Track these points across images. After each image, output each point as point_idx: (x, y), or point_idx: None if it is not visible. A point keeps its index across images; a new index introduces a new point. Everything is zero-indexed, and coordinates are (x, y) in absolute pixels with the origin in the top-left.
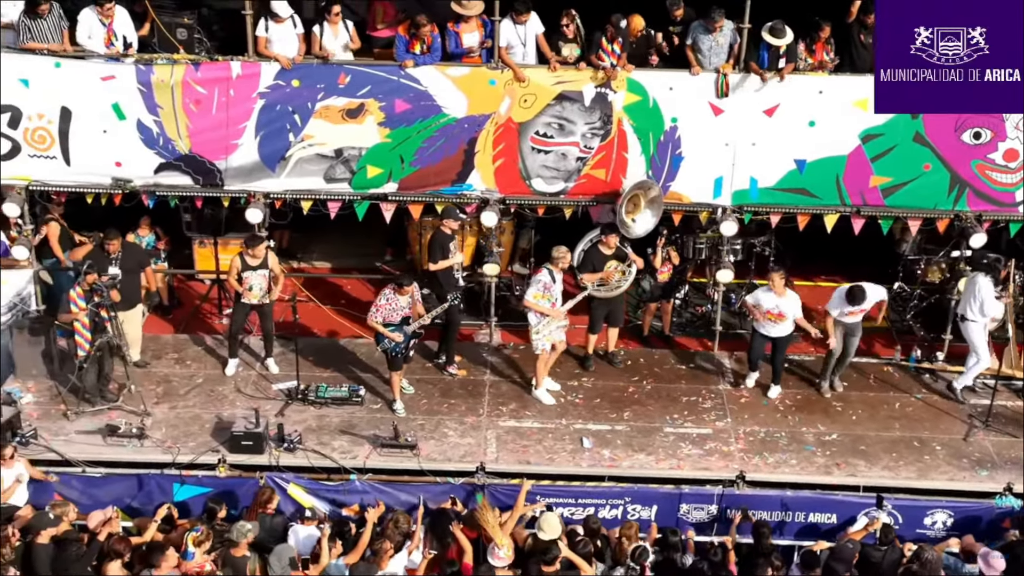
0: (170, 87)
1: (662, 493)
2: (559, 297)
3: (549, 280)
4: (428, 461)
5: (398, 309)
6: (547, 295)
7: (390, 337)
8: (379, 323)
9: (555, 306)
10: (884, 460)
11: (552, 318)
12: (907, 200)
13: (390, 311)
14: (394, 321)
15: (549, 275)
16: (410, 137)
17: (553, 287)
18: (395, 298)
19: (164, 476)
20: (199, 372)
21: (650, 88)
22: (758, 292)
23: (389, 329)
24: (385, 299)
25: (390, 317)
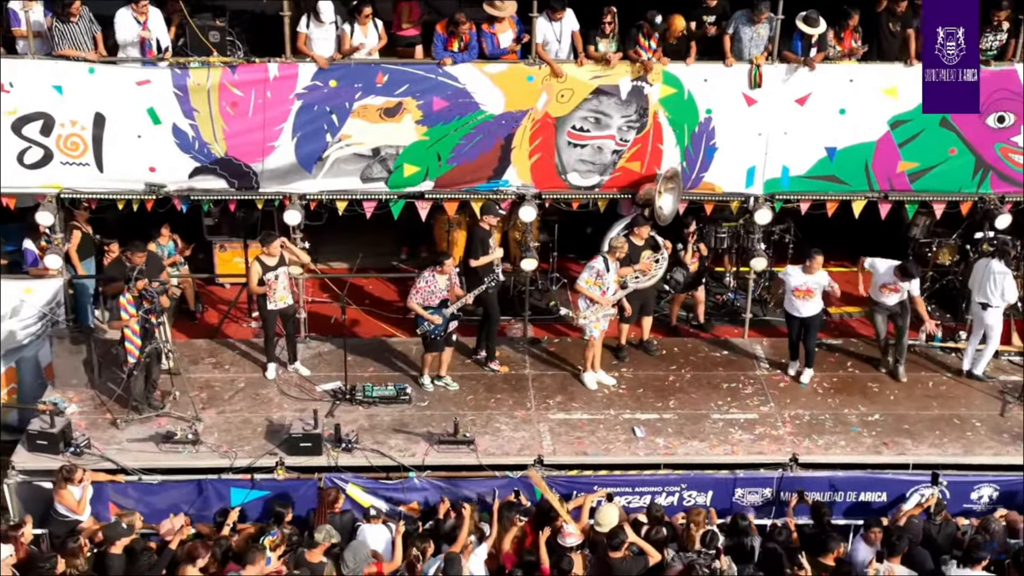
0: (206, 90)
1: (717, 478)
2: (611, 286)
3: (603, 268)
4: (485, 456)
5: (436, 291)
6: (599, 282)
7: (429, 319)
8: (419, 304)
9: (605, 295)
10: (929, 438)
11: (600, 306)
12: (933, 184)
13: (429, 293)
14: (432, 304)
15: (604, 263)
16: (448, 135)
17: (606, 276)
18: (434, 280)
19: (221, 481)
20: (239, 376)
21: (685, 80)
22: (788, 269)
23: (428, 312)
24: (424, 281)
25: (429, 300)
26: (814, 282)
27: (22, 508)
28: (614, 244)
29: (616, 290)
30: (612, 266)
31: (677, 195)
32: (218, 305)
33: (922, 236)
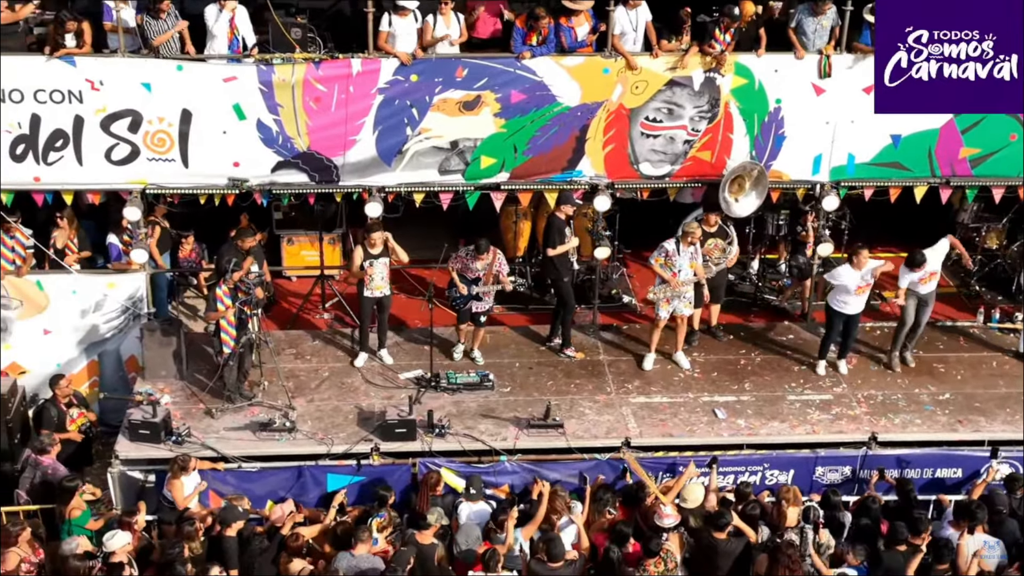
0: (291, 86)
1: (799, 457)
2: (684, 269)
3: (673, 249)
4: (573, 439)
5: (473, 269)
6: (669, 263)
7: (459, 286)
8: (454, 271)
9: (676, 276)
10: (1001, 415)
11: (668, 287)
12: (993, 169)
13: (465, 266)
14: (468, 276)
15: (675, 245)
16: (524, 127)
17: (676, 258)
18: (473, 261)
19: (318, 467)
20: (322, 366)
21: (756, 71)
22: (837, 271)
23: (461, 282)
24: (465, 253)
25: (465, 271)
26: (868, 274)
27: (123, 498)
28: (687, 229)
29: (690, 273)
30: (684, 250)
31: (762, 194)
32: (289, 298)
33: (970, 221)
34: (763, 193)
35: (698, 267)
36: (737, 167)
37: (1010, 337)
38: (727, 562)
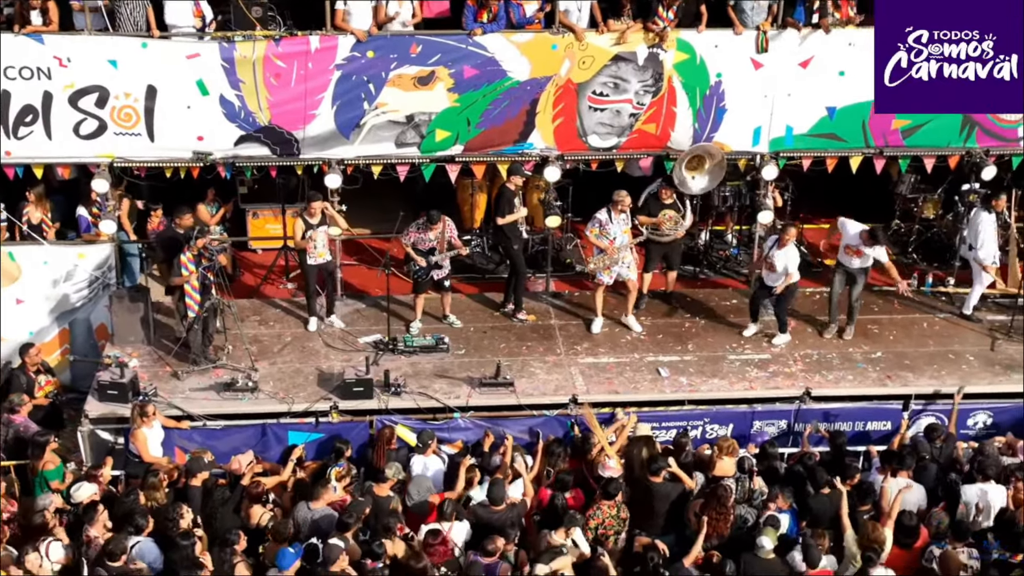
0: (252, 63)
1: (737, 412)
2: (617, 236)
3: (606, 219)
4: (524, 396)
5: (426, 240)
6: (604, 232)
7: (415, 259)
8: (407, 244)
9: (612, 244)
10: (928, 371)
11: (606, 255)
12: (924, 140)
13: (419, 239)
14: (422, 248)
15: (607, 214)
16: (477, 101)
17: (610, 226)
18: (425, 232)
19: (280, 425)
20: (285, 332)
21: (697, 47)
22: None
23: (417, 254)
24: (416, 227)
25: (419, 244)
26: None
27: (93, 456)
28: (616, 198)
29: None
30: (616, 218)
31: (716, 177)
32: (253, 269)
33: (908, 192)
34: (717, 178)
35: (629, 233)
36: (701, 147)
37: (941, 300)
38: (663, 504)
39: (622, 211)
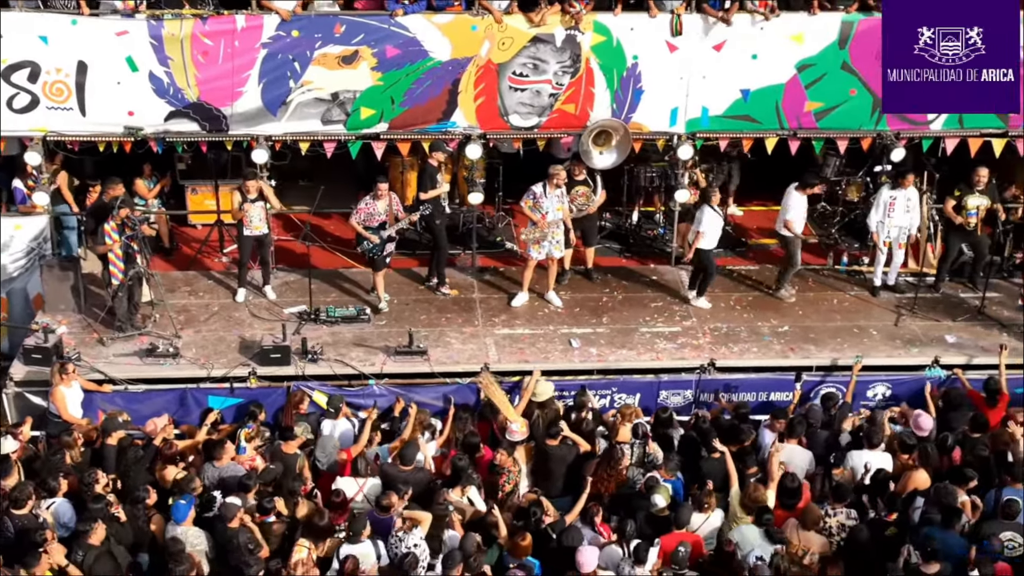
0: (180, 40)
1: (644, 382)
2: (550, 211)
3: (540, 192)
4: (437, 365)
5: (376, 214)
6: (537, 205)
7: (368, 238)
8: (357, 223)
9: (544, 218)
10: (831, 344)
11: (538, 228)
12: (836, 122)
13: (368, 215)
14: (372, 225)
15: (542, 188)
16: (400, 80)
17: (544, 200)
18: (373, 203)
19: (200, 390)
20: (213, 302)
21: (613, 29)
22: None
23: (368, 232)
24: (364, 203)
25: (369, 221)
26: None
27: (18, 418)
28: (552, 172)
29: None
30: (551, 193)
31: (623, 152)
32: (192, 243)
33: (833, 175)
34: (624, 152)
35: (564, 209)
36: (605, 121)
37: (856, 278)
38: (560, 467)
39: (557, 186)
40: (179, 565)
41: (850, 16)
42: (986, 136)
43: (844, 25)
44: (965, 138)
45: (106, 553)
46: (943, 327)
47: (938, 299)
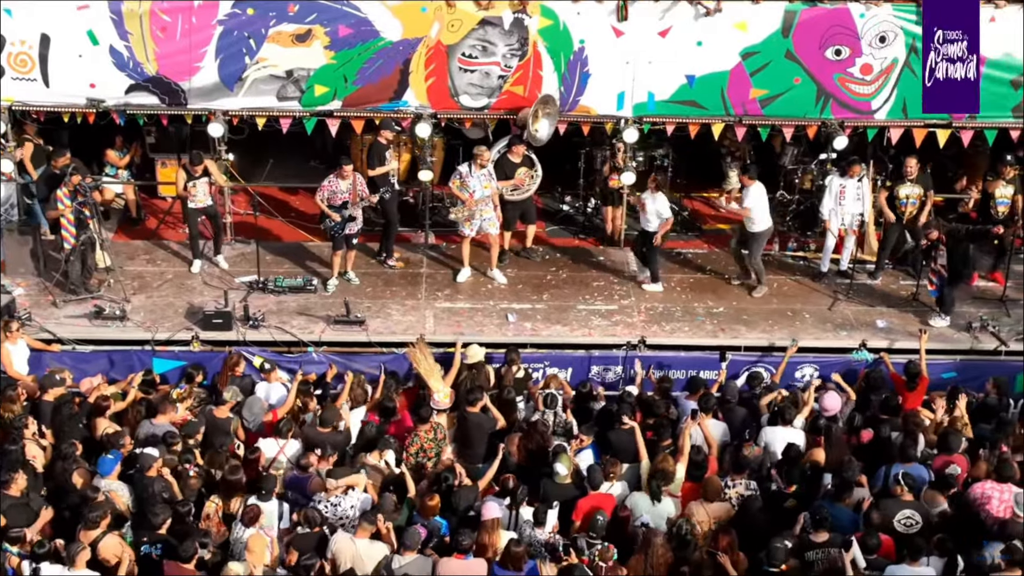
0: (139, 16)
1: (576, 357)
2: (477, 190)
3: (466, 172)
4: (375, 335)
5: (339, 192)
6: (464, 184)
7: (330, 216)
8: (321, 201)
9: (472, 197)
10: (761, 326)
11: (465, 206)
12: (781, 110)
13: (331, 193)
14: (335, 204)
15: (468, 168)
16: (352, 59)
17: (470, 179)
18: (336, 182)
19: (144, 352)
20: (168, 270)
21: (560, 13)
22: None
23: (331, 210)
24: (328, 181)
25: (332, 200)
26: None
27: None
28: (476, 152)
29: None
30: (477, 172)
31: (553, 120)
32: (159, 215)
33: (790, 164)
34: (555, 119)
35: (493, 188)
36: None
37: (800, 263)
38: (479, 434)
39: (482, 166)
40: (93, 511)
41: (793, 5)
42: (930, 127)
43: (787, 14)
44: (909, 128)
45: (23, 505)
46: (875, 312)
47: (877, 285)
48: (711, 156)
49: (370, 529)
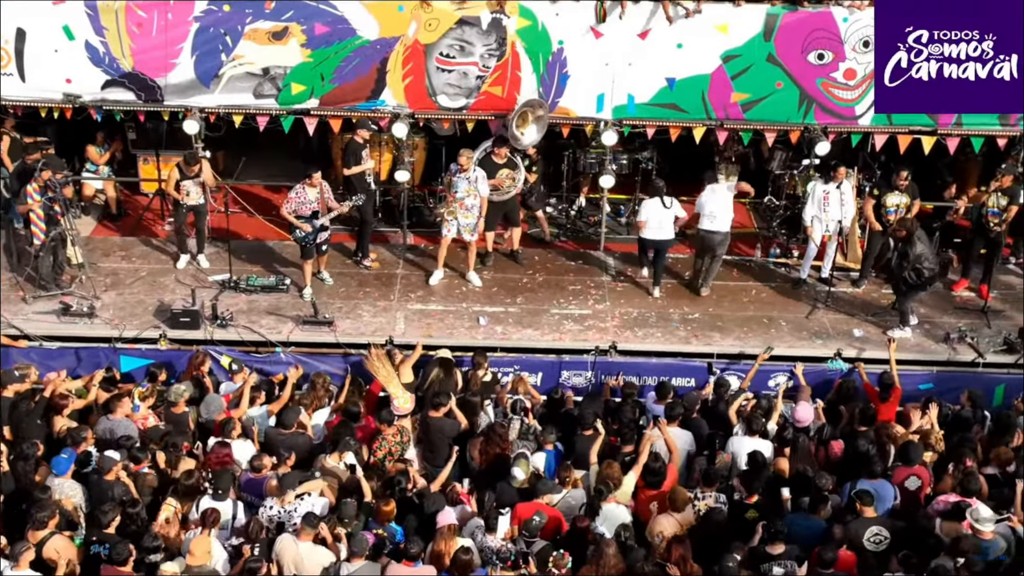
0: (114, 11)
1: (546, 361)
2: (459, 191)
3: (455, 171)
4: (343, 336)
5: (307, 202)
6: (451, 183)
7: (300, 227)
8: (289, 213)
9: (453, 196)
10: (736, 332)
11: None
12: (763, 114)
13: (300, 203)
14: (304, 214)
15: (455, 168)
16: (329, 57)
17: (455, 179)
18: (304, 191)
19: (112, 349)
20: (143, 267)
21: (539, 14)
22: None
23: (300, 221)
24: (295, 192)
25: (300, 210)
26: None
27: None
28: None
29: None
30: (461, 175)
31: (542, 127)
32: (140, 211)
33: (778, 169)
34: (543, 127)
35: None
36: (523, 104)
37: (782, 270)
38: (440, 438)
39: (464, 169)
40: (41, 511)
41: (775, 9)
42: (915, 133)
43: (769, 17)
44: (894, 134)
45: None
46: (854, 321)
47: (858, 294)
48: (697, 158)
49: (312, 532)
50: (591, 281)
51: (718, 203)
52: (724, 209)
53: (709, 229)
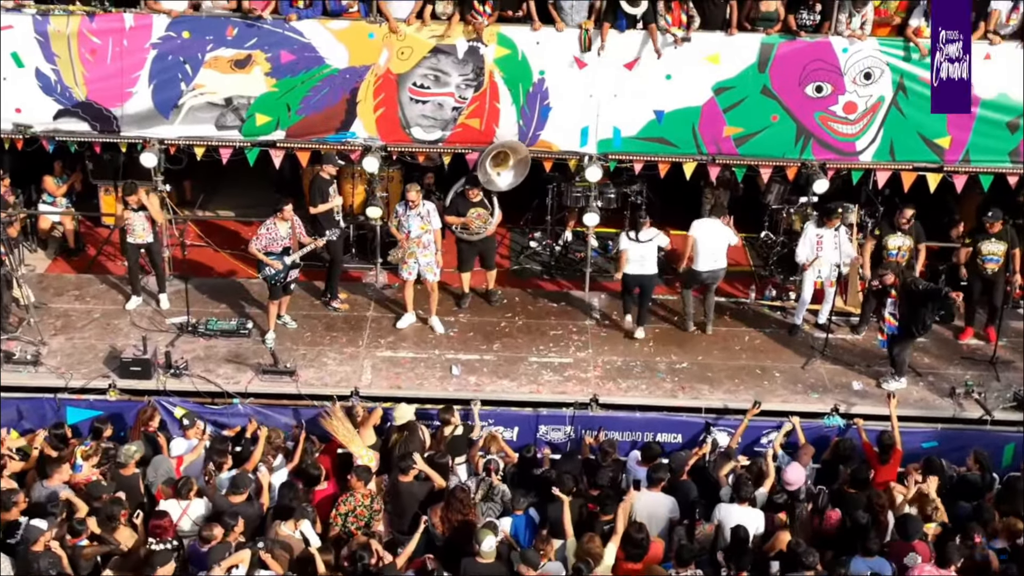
0: (66, 37)
1: (522, 415)
2: (413, 229)
3: (403, 211)
4: (306, 386)
5: (278, 239)
6: (401, 224)
7: (270, 264)
8: (259, 250)
9: (407, 237)
10: (726, 385)
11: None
12: (758, 149)
13: (270, 240)
14: (275, 251)
15: (404, 206)
16: (295, 87)
17: (405, 219)
18: (275, 227)
19: (56, 400)
20: (97, 308)
21: (519, 42)
22: None
23: (270, 258)
24: (266, 228)
25: (271, 246)
26: None
27: None
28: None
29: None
30: (412, 213)
31: (521, 173)
32: (99, 245)
33: (776, 203)
34: (522, 173)
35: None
36: (503, 143)
37: (777, 314)
38: (412, 502)
39: (414, 203)
40: None
41: (770, 38)
42: (919, 170)
43: (764, 47)
44: (897, 171)
45: None
46: (853, 373)
47: (857, 341)
48: (688, 191)
49: None
50: (573, 325)
51: (716, 240)
52: (723, 245)
53: (712, 269)
